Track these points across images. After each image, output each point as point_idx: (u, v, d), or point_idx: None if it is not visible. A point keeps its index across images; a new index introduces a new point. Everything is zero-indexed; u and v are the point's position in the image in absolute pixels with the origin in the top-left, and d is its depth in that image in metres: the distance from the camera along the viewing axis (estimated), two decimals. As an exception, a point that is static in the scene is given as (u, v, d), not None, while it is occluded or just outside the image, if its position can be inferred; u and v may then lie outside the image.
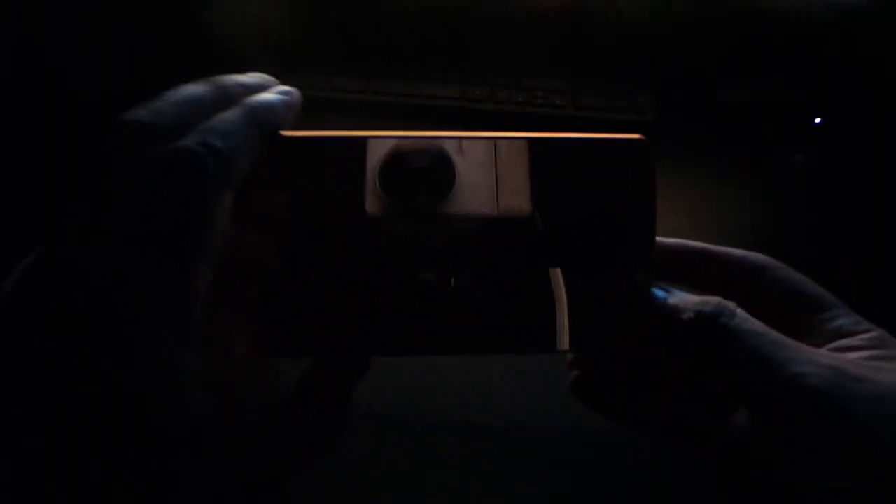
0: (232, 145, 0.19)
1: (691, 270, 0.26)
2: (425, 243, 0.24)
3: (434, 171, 0.24)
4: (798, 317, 0.23)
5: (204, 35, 0.66)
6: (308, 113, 0.64)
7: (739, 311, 0.22)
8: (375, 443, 0.40)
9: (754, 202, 0.55)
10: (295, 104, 0.22)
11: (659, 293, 0.23)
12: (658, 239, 0.25)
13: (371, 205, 0.24)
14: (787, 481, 0.20)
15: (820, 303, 0.24)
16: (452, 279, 0.23)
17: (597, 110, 0.60)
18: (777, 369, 0.20)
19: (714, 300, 0.22)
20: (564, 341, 0.24)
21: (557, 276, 0.24)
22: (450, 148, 0.24)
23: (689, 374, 0.24)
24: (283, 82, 0.65)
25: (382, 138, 0.24)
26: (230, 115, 0.19)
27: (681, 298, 0.23)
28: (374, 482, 0.38)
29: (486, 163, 0.24)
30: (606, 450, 0.39)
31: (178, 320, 0.17)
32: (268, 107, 0.20)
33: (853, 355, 0.22)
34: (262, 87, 0.22)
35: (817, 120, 0.59)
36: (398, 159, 0.24)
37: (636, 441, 0.39)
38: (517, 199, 0.24)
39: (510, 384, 0.42)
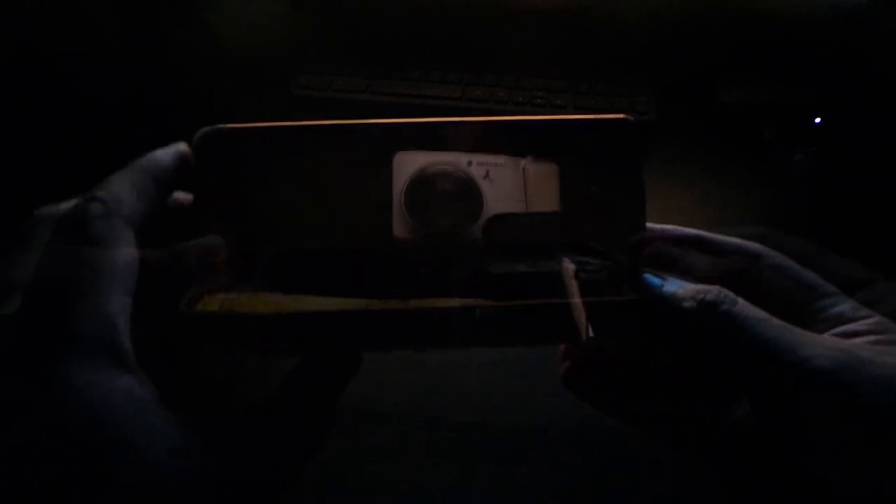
0: (113, 190, 0.22)
1: (686, 258, 0.25)
2: (452, 270, 0.24)
3: (461, 195, 0.24)
4: (797, 305, 0.23)
5: (205, 36, 0.66)
6: (308, 113, 0.64)
7: (740, 299, 0.21)
8: (375, 442, 0.40)
9: (754, 202, 0.55)
10: (179, 150, 0.25)
11: (654, 280, 0.23)
12: (652, 225, 0.25)
13: (397, 226, 0.24)
14: (794, 469, 0.20)
15: (818, 290, 0.23)
16: (478, 310, 0.23)
17: (597, 110, 0.60)
18: (783, 353, 0.20)
19: (714, 288, 0.22)
20: (576, 334, 0.24)
21: (570, 272, 0.24)
22: (476, 174, 0.24)
23: (685, 364, 0.24)
24: (284, 82, 0.64)
25: (392, 126, 0.24)
26: (115, 173, 0.23)
27: (679, 286, 0.22)
28: (373, 482, 0.38)
29: (513, 189, 0.24)
30: (606, 449, 0.39)
31: (97, 337, 0.19)
32: (150, 157, 0.24)
33: (856, 340, 0.21)
34: None
35: (817, 120, 0.59)
36: (424, 181, 0.24)
37: (636, 441, 0.39)
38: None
39: (510, 384, 0.42)
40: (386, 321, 0.23)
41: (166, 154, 0.24)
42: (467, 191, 0.24)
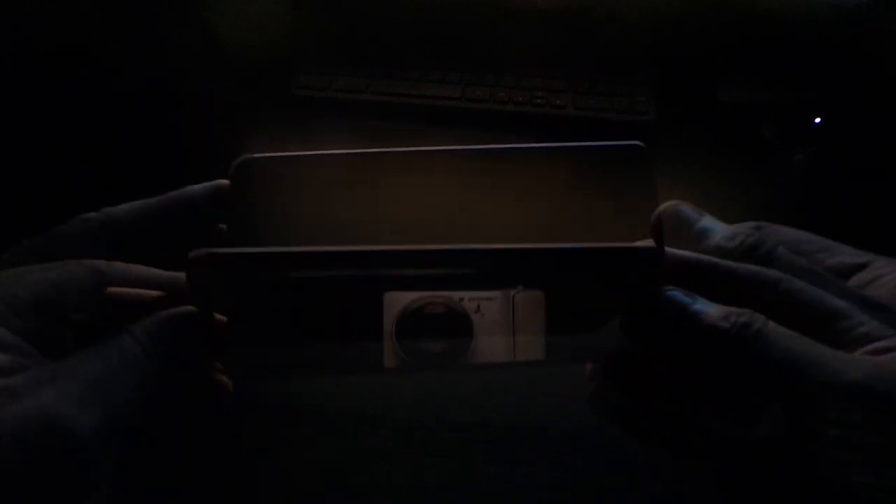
0: (117, 208, 0.25)
1: (704, 284, 0.25)
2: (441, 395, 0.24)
3: (451, 322, 0.25)
4: (820, 327, 0.23)
5: (205, 36, 0.66)
6: (309, 113, 0.64)
7: (770, 321, 0.22)
8: (375, 443, 0.40)
9: (754, 202, 0.55)
10: (217, 184, 0.26)
11: (684, 297, 0.23)
12: (669, 250, 0.24)
13: (388, 356, 0.24)
14: (829, 482, 0.19)
15: (842, 312, 0.23)
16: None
17: (597, 110, 0.60)
18: (815, 368, 0.20)
19: (746, 311, 0.22)
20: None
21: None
22: (468, 305, 0.25)
23: (710, 381, 0.24)
24: (284, 82, 0.64)
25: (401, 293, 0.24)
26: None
27: (709, 306, 0.23)
28: (373, 482, 0.38)
29: (502, 318, 0.25)
30: (606, 449, 0.39)
31: None
32: (185, 188, 0.26)
33: (888, 356, 0.21)
34: None
35: (817, 120, 0.59)
36: (416, 311, 0.24)
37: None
38: (533, 349, 0.24)
39: (510, 384, 0.42)
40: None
41: (203, 186, 0.26)
42: (456, 317, 0.25)
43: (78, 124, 0.60)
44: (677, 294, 0.23)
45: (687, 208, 0.24)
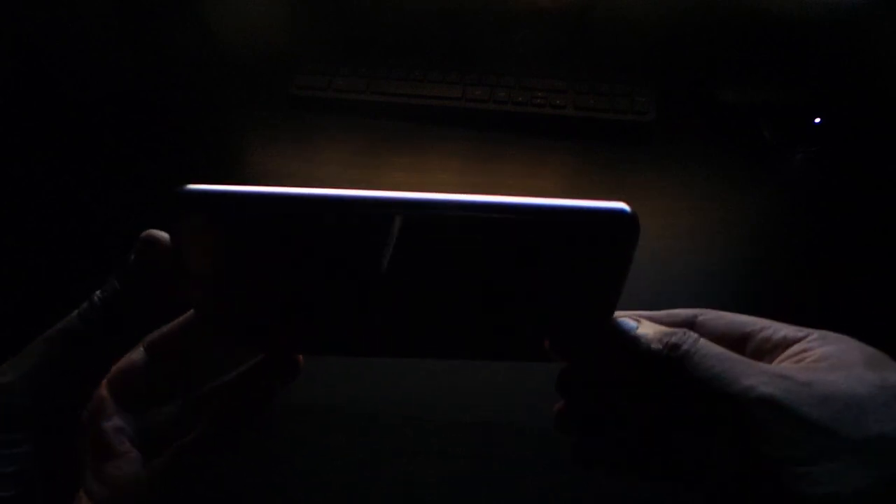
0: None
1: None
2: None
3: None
4: (743, 343, 0.25)
5: (205, 36, 0.66)
6: (308, 112, 0.64)
7: (702, 339, 0.23)
8: (376, 443, 0.40)
9: (754, 202, 0.55)
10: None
11: (629, 323, 0.24)
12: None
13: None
14: (760, 496, 0.20)
15: (758, 324, 0.25)
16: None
17: (597, 110, 0.60)
18: (729, 384, 0.21)
19: (679, 331, 0.23)
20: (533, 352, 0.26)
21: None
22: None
23: (653, 400, 0.25)
24: (284, 82, 0.65)
25: None
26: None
27: (650, 327, 0.24)
28: (373, 482, 0.38)
29: None
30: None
31: None
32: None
33: (804, 362, 0.23)
34: None
35: (817, 120, 0.59)
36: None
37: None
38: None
39: (509, 384, 0.42)
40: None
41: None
42: None
43: (78, 124, 0.60)
44: (622, 321, 0.25)
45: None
